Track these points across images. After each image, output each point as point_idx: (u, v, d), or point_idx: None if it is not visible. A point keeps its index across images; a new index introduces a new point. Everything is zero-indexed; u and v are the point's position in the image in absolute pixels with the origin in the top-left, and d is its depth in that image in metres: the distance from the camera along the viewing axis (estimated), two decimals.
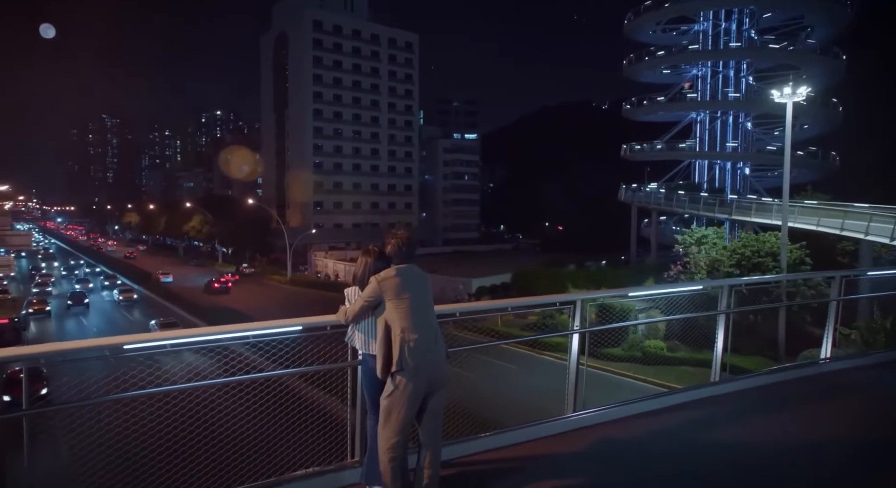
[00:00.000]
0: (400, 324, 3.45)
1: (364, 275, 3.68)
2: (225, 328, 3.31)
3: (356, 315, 3.63)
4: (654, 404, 4.91)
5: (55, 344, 2.89)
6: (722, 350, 5.26)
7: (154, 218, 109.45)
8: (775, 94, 25.13)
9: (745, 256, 27.48)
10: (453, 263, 63.84)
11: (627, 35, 54.51)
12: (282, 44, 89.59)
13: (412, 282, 3.60)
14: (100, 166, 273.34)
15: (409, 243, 3.68)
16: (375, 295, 3.52)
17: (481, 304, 4.02)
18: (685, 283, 6.55)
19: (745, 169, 49.95)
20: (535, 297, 4.63)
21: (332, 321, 3.67)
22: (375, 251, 3.77)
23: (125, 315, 43.99)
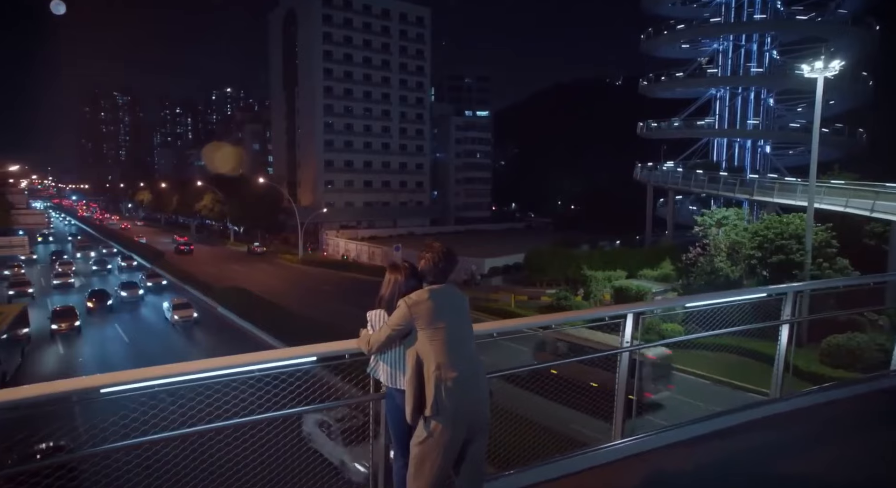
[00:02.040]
0: (435, 359, 2.89)
1: (392, 297, 3.08)
2: (226, 361, 2.75)
3: (381, 345, 3.03)
4: (709, 426, 4.38)
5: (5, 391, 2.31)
6: (784, 364, 4.65)
7: (166, 196, 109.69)
8: (805, 68, 23.93)
9: (767, 238, 26.66)
10: (465, 243, 63.16)
11: (646, 8, 52.71)
12: (291, 19, 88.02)
13: (449, 306, 3.01)
14: (112, 144, 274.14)
15: (447, 258, 3.08)
16: (405, 322, 2.95)
17: (522, 322, 3.46)
18: (746, 290, 5.70)
19: (766, 147, 48.51)
20: (580, 312, 4.00)
21: (351, 349, 3.09)
22: (406, 267, 3.16)
23: (182, 335, 32.50)
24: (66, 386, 2.45)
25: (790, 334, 4.68)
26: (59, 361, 27.48)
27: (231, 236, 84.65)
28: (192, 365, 2.62)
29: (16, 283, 42.61)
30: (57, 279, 46.65)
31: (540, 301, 39.36)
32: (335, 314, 35.68)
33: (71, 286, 45.66)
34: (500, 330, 3.33)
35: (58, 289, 44.66)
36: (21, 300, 38.03)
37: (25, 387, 2.37)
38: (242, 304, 35.38)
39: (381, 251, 58.21)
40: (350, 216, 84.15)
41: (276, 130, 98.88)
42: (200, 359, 2.64)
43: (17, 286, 41.92)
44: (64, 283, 45.79)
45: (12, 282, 42.83)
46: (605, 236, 60.52)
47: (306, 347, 2.95)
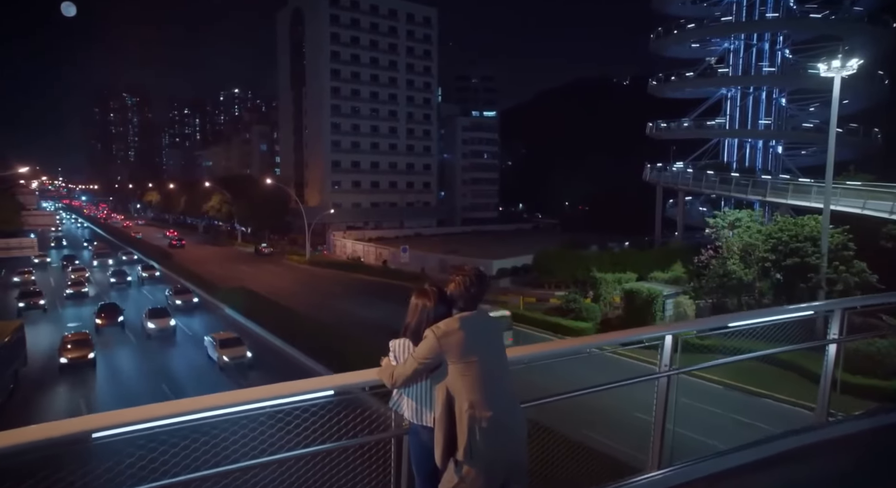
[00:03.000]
0: (468, 397, 2.57)
1: (419, 326, 2.76)
2: (234, 397, 2.44)
3: (406, 380, 2.71)
4: (753, 454, 4.05)
5: None
6: (830, 386, 4.31)
7: (174, 196, 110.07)
8: (822, 67, 23.46)
9: (781, 241, 26.17)
10: (473, 244, 62.99)
11: (655, 8, 52.21)
12: (298, 20, 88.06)
13: (482, 336, 2.70)
14: (121, 145, 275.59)
15: (479, 282, 2.76)
16: (433, 355, 2.62)
17: (556, 347, 3.15)
18: (790, 308, 5.13)
19: (778, 147, 47.90)
20: (616, 334, 3.64)
21: (372, 381, 2.78)
22: (434, 292, 2.82)
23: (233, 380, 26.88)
24: (47, 433, 2.09)
25: (837, 354, 4.33)
26: (64, 396, 23.42)
27: (238, 237, 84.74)
28: (196, 402, 2.34)
29: (26, 294, 39.08)
30: (70, 288, 42.98)
31: (549, 303, 39.00)
32: (346, 318, 35.49)
33: (85, 296, 42.25)
34: (531, 356, 3.03)
35: (71, 300, 41.50)
36: (32, 312, 36.29)
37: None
38: (292, 331, 29.73)
39: (389, 252, 58.00)
40: (357, 217, 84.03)
41: (283, 131, 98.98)
42: (204, 396, 2.36)
43: (28, 297, 38.44)
44: (77, 293, 42.33)
45: (23, 293, 39.51)
46: (613, 237, 60.00)
47: (322, 379, 2.65)
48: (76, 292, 42.27)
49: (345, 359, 20.26)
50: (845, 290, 23.13)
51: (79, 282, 44.48)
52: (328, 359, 23.19)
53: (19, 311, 36.30)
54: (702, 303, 30.95)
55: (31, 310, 36.64)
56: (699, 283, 30.55)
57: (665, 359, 3.54)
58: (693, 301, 30.55)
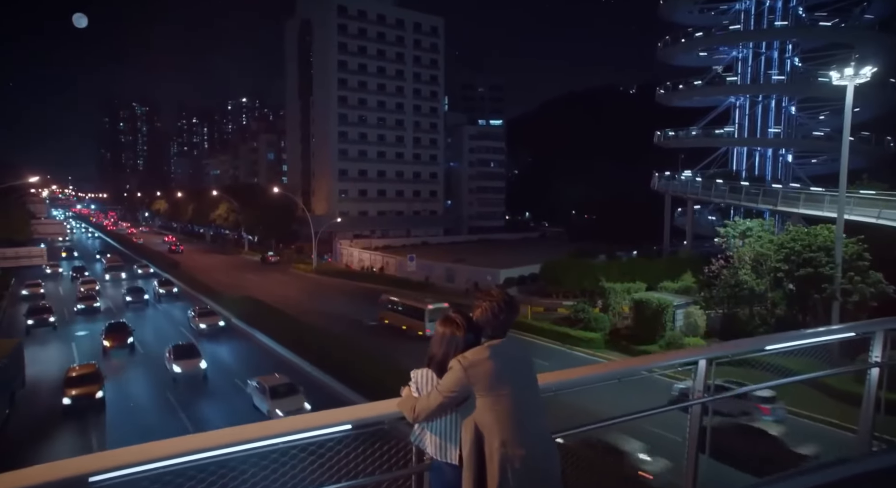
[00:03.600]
0: (499, 434, 2.36)
1: (445, 356, 2.53)
2: (244, 433, 2.21)
3: (430, 414, 2.49)
4: (793, 485, 3.80)
5: None
6: (874, 411, 4.02)
7: (182, 205, 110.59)
8: (834, 75, 23.20)
9: (794, 251, 25.83)
10: (479, 252, 62.74)
11: (663, 16, 52.15)
12: (306, 30, 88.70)
13: (514, 366, 2.49)
14: (130, 154, 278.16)
15: (509, 308, 2.55)
16: (460, 387, 2.41)
17: (587, 373, 2.93)
18: (829, 330, 4.75)
19: (788, 156, 47.52)
20: (647, 360, 3.39)
21: (391, 414, 2.56)
22: (459, 320, 2.59)
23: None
24: (37, 477, 1.85)
25: (881, 378, 4.05)
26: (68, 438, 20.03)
27: (245, 245, 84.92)
28: (203, 439, 2.13)
29: (35, 310, 36.35)
30: (81, 303, 40.63)
31: (557, 313, 38.66)
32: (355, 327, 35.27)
33: (96, 311, 39.97)
34: (559, 384, 2.81)
35: (82, 315, 39.27)
36: (41, 330, 34.35)
37: None
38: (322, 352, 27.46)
39: (395, 261, 57.84)
40: (364, 225, 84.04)
41: (290, 140, 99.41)
42: (211, 432, 2.16)
43: (37, 314, 35.81)
44: (89, 307, 40.02)
45: (31, 310, 36.68)
46: (621, 246, 59.61)
47: (339, 412, 2.43)
48: (87, 307, 39.93)
49: None
50: (861, 301, 22.75)
51: (89, 295, 42.14)
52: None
53: (28, 329, 34.18)
54: (713, 314, 30.59)
55: (40, 328, 34.57)
56: (710, 293, 30.20)
57: (699, 384, 3.31)
58: (704, 311, 30.18)
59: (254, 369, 25.22)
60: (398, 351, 27.37)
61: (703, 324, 29.64)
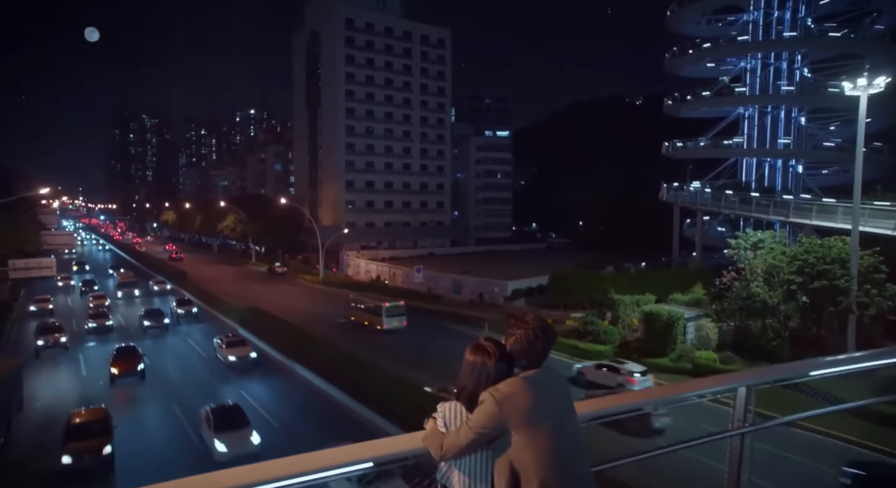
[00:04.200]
0: (537, 475, 2.13)
1: (476, 388, 2.29)
2: (257, 472, 1.98)
3: (460, 451, 2.24)
4: None
5: None
6: None
7: (190, 216, 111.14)
8: (847, 85, 22.96)
9: (808, 263, 25.44)
10: (487, 264, 62.44)
11: (670, 27, 52.17)
12: (314, 42, 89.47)
13: (551, 400, 2.26)
14: (140, 165, 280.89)
15: (546, 335, 2.32)
16: (494, 423, 2.17)
17: (622, 402, 2.69)
18: (879, 353, 4.47)
19: (798, 167, 47.13)
20: (683, 388, 3.12)
21: (416, 450, 2.33)
22: (491, 348, 2.34)
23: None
24: None
25: None
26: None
27: (253, 256, 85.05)
28: (204, 481, 1.92)
29: (45, 330, 33.58)
30: (92, 320, 37.94)
31: (565, 325, 38.26)
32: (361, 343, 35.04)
33: (109, 329, 37.56)
34: (592, 414, 2.57)
35: (94, 334, 36.84)
36: (52, 351, 32.24)
37: None
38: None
39: (402, 272, 57.66)
40: (371, 236, 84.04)
41: (298, 151, 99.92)
42: (214, 473, 1.94)
43: (47, 334, 33.03)
44: (101, 326, 37.38)
45: (41, 328, 33.92)
46: (628, 257, 59.19)
47: (359, 447, 2.20)
48: (99, 325, 37.28)
49: None
50: (878, 315, 22.30)
51: (101, 313, 39.51)
52: None
53: (37, 351, 31.88)
54: (724, 326, 30.15)
55: (50, 349, 32.34)
56: (721, 306, 29.80)
57: (738, 413, 3.05)
58: (715, 324, 29.74)
59: (316, 426, 21.40)
60: (362, 341, 33.97)
61: (714, 337, 29.19)
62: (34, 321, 38.71)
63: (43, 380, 27.84)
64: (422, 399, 19.51)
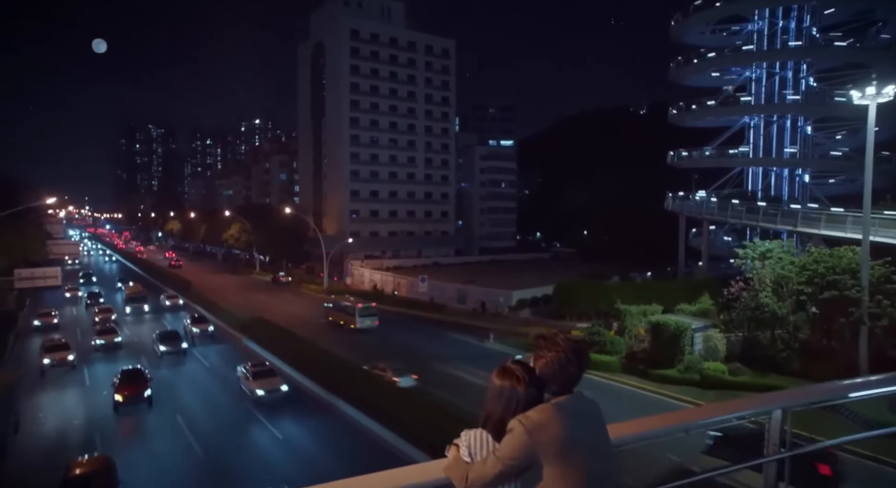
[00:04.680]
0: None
1: (504, 415, 2.12)
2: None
3: (486, 484, 2.05)
4: None
5: None
6: None
7: (194, 226, 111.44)
8: (855, 94, 22.81)
9: (817, 273, 25.14)
10: (491, 273, 62.21)
11: (674, 37, 52.24)
12: (319, 53, 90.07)
13: (585, 428, 2.09)
14: (145, 175, 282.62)
15: (579, 358, 2.16)
16: (524, 454, 2.00)
17: (650, 427, 2.52)
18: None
19: (805, 176, 46.88)
20: (713, 411, 2.91)
21: (438, 480, 2.16)
22: (519, 372, 2.16)
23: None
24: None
25: None
26: None
27: (257, 265, 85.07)
28: None
29: (52, 348, 31.57)
30: (100, 337, 35.74)
31: (571, 335, 37.90)
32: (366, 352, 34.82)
33: (118, 347, 35.27)
34: (627, 439, 2.41)
35: (102, 352, 34.66)
36: (59, 370, 30.42)
37: None
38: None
39: (407, 282, 57.47)
40: (375, 246, 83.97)
41: (302, 160, 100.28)
42: None
43: (54, 352, 31.10)
44: (109, 342, 35.17)
45: (48, 346, 31.83)
46: (633, 267, 58.86)
47: (378, 477, 2.04)
48: (107, 342, 35.07)
49: None
50: (890, 326, 21.96)
51: (109, 328, 37.32)
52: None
53: (43, 371, 30.23)
54: (732, 337, 29.80)
55: (57, 368, 30.52)
56: (729, 316, 29.46)
57: (773, 437, 2.86)
58: (723, 334, 29.39)
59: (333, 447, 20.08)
60: (338, 338, 37.26)
61: (722, 348, 28.83)
62: (38, 336, 37.60)
63: (45, 403, 26.13)
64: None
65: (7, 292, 46.37)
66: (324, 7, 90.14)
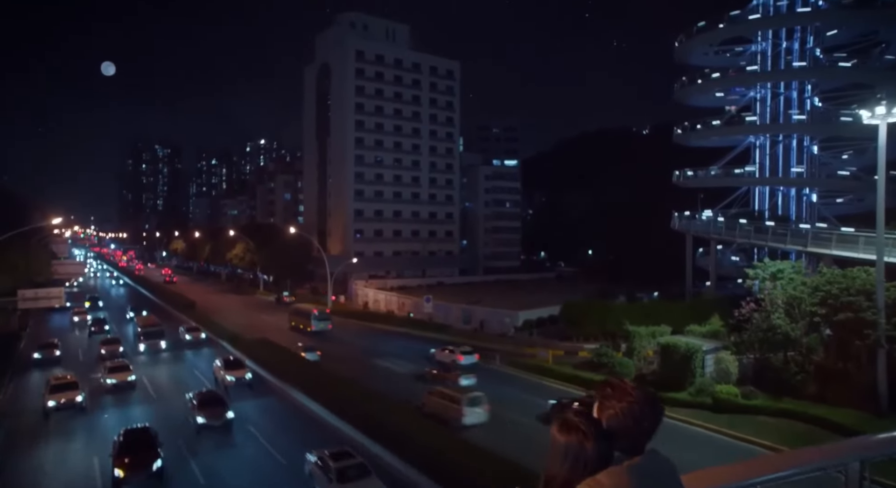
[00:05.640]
0: None
1: (570, 476, 1.79)
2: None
3: None
4: None
5: None
6: None
7: (199, 245, 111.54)
8: (865, 114, 22.66)
9: (831, 294, 24.70)
10: (496, 293, 61.79)
11: (678, 58, 52.51)
12: (325, 74, 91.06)
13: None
14: (151, 194, 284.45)
15: (654, 411, 1.86)
16: None
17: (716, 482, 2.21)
18: None
19: (813, 196, 46.56)
20: (786, 462, 2.57)
21: None
22: (585, 425, 1.82)
23: None
24: None
25: None
26: None
27: (261, 285, 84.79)
28: None
29: (58, 388, 27.22)
30: (111, 375, 30.54)
31: (578, 356, 37.39)
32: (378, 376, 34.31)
33: (131, 386, 30.43)
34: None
35: (114, 394, 29.77)
36: (65, 413, 26.36)
37: None
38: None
39: (411, 302, 57.06)
40: (379, 265, 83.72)
41: (307, 180, 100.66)
42: None
43: (60, 392, 26.83)
44: (121, 382, 30.25)
45: (53, 386, 27.34)
46: (639, 287, 58.30)
47: None
48: (120, 382, 30.07)
49: None
50: None
51: (121, 366, 31.86)
52: None
53: (48, 412, 26.19)
54: (744, 359, 29.24)
55: (64, 410, 26.38)
56: (741, 338, 28.94)
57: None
58: (735, 356, 28.84)
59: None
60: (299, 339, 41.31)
61: (734, 371, 28.27)
62: (38, 371, 34.15)
63: (49, 457, 21.96)
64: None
65: (10, 313, 46.15)
66: (330, 29, 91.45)
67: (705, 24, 47.69)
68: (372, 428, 21.36)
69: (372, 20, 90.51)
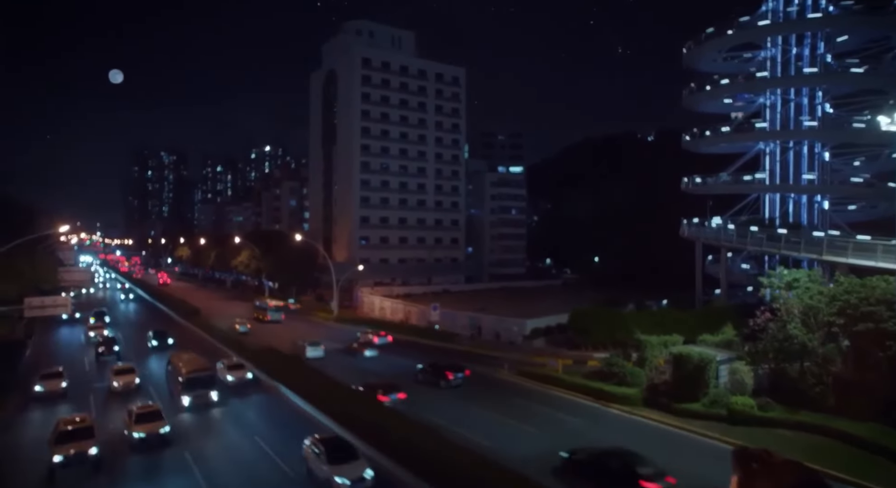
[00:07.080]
0: None
1: None
2: None
3: None
4: None
5: None
6: None
7: (204, 252, 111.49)
8: (883, 120, 22.21)
9: (849, 304, 24.15)
10: (502, 301, 61.29)
11: (687, 64, 52.25)
12: (331, 81, 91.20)
13: None
14: (156, 201, 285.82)
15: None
16: None
17: None
18: None
19: (824, 203, 46.00)
20: None
21: None
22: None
23: None
24: None
25: None
26: None
27: (266, 292, 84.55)
28: None
29: (68, 435, 20.81)
30: (139, 428, 22.65)
31: (587, 366, 36.81)
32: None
33: (163, 441, 22.67)
34: None
35: (139, 448, 22.09)
36: (75, 469, 19.75)
37: None
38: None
39: (417, 309, 56.61)
40: (384, 272, 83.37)
41: (312, 187, 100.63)
42: None
43: (71, 440, 20.53)
44: (151, 434, 22.70)
45: (62, 433, 20.87)
46: (649, 294, 57.69)
47: None
48: (149, 434, 22.46)
49: None
50: None
51: (151, 413, 23.59)
52: None
53: (53, 469, 19.75)
54: (759, 370, 28.62)
55: (75, 466, 19.98)
56: (755, 347, 28.33)
57: None
58: (750, 367, 28.22)
59: None
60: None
61: (750, 381, 27.66)
62: (41, 409, 27.42)
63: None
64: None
65: (16, 321, 45.84)
66: (336, 37, 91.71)
67: (714, 30, 47.44)
68: None
69: (378, 27, 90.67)
